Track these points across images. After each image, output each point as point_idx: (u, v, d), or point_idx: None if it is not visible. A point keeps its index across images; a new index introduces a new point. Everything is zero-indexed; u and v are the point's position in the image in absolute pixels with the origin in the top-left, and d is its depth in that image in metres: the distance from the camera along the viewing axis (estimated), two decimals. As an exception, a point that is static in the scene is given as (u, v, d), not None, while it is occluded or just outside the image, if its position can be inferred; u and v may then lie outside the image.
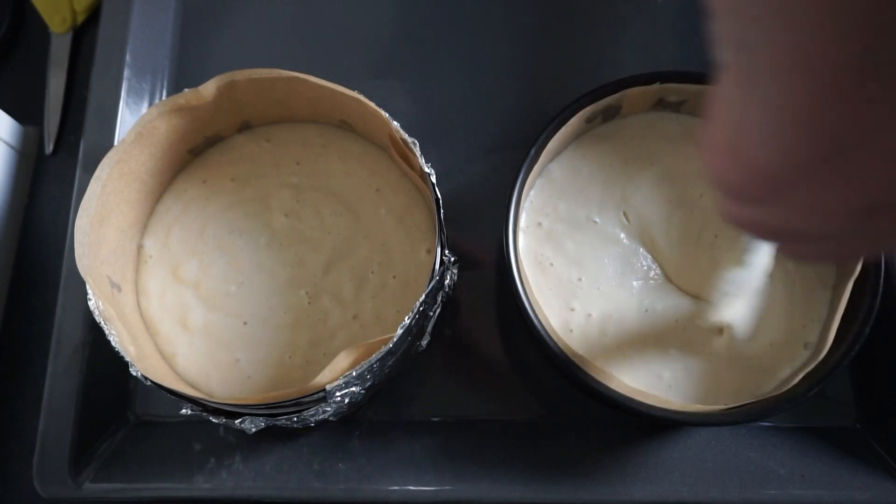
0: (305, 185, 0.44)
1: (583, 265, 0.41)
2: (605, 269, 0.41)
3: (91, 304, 0.37)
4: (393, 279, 0.42)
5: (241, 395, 0.41)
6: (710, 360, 0.40)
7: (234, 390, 0.41)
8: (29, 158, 0.52)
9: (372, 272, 0.42)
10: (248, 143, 0.46)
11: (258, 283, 0.43)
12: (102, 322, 0.37)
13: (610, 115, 0.43)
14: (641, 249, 0.42)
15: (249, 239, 0.44)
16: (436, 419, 0.44)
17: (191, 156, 0.45)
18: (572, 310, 0.41)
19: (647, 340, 0.40)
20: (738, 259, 0.35)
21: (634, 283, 0.41)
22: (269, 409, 0.36)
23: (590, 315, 0.40)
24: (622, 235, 0.42)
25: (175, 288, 0.43)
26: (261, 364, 0.41)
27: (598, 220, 0.42)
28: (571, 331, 0.40)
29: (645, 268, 0.41)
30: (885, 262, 0.37)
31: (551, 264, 0.41)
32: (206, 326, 0.42)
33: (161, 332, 0.42)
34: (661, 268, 0.41)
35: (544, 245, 0.42)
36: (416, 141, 0.40)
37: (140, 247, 0.44)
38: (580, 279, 0.41)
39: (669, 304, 0.40)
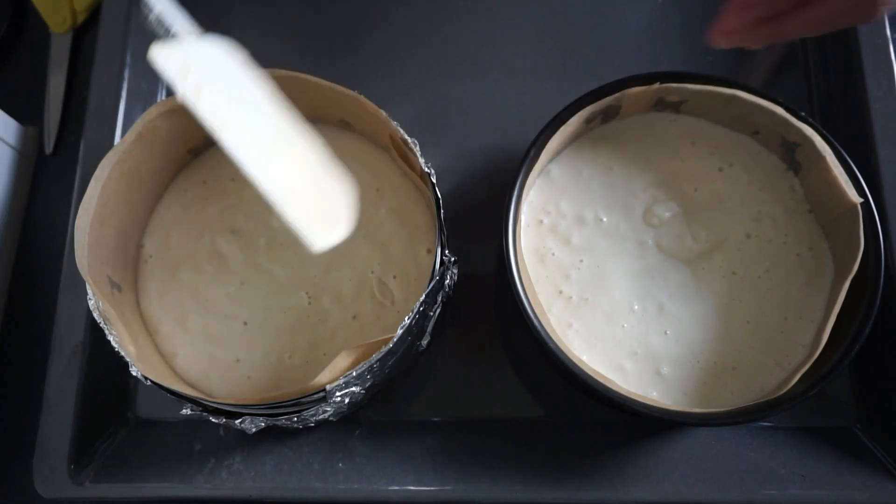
0: None
1: (586, 252, 0.42)
2: (608, 261, 0.41)
3: (91, 304, 0.37)
4: (393, 279, 0.42)
5: (241, 395, 0.41)
6: (708, 357, 0.40)
7: (234, 390, 0.41)
8: (29, 158, 0.52)
9: (372, 272, 0.42)
10: (248, 143, 0.46)
11: (258, 283, 0.43)
12: (102, 322, 0.37)
13: (609, 115, 0.43)
14: (655, 258, 0.42)
15: (249, 239, 0.44)
16: (436, 419, 0.44)
17: (191, 156, 0.45)
18: (560, 292, 0.41)
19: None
20: None
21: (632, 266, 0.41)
22: (269, 409, 0.36)
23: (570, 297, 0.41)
24: (632, 237, 0.42)
25: (175, 288, 0.43)
26: (261, 364, 0.41)
27: (605, 219, 0.42)
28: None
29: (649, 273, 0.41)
30: (885, 263, 0.37)
31: (553, 254, 0.42)
32: (206, 326, 0.42)
33: (161, 332, 0.42)
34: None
35: (546, 238, 0.42)
36: (416, 141, 0.40)
37: (140, 247, 0.44)
38: (581, 260, 0.41)
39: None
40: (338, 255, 0.43)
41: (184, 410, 0.38)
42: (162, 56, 0.27)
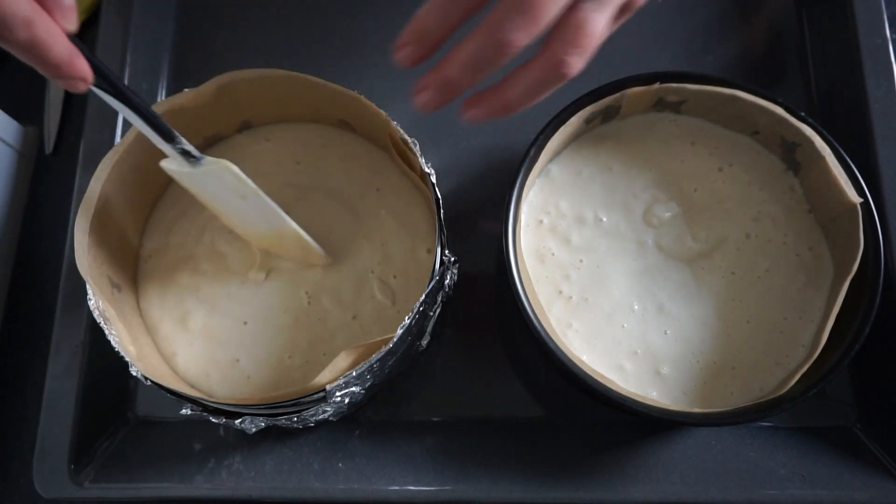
0: (306, 185, 0.44)
1: (586, 252, 0.42)
2: (608, 261, 0.41)
3: (91, 304, 0.37)
4: (393, 279, 0.42)
5: (241, 395, 0.41)
6: (708, 357, 0.40)
7: (234, 390, 0.41)
8: (29, 158, 0.52)
9: (372, 272, 0.42)
10: (249, 142, 0.46)
11: (258, 283, 0.43)
12: (102, 322, 0.37)
13: (609, 115, 0.43)
14: (654, 257, 0.42)
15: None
16: (436, 419, 0.44)
17: (191, 156, 0.45)
18: (560, 292, 0.41)
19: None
20: None
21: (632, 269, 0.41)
22: (269, 409, 0.36)
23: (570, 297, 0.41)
24: (632, 237, 0.42)
25: (175, 288, 0.43)
26: (261, 364, 0.41)
27: (604, 219, 0.42)
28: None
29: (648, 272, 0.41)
30: (885, 263, 0.37)
31: (553, 254, 0.42)
32: (206, 326, 0.42)
33: (161, 332, 0.42)
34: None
35: (546, 238, 0.42)
36: (416, 141, 0.40)
37: (140, 246, 0.44)
38: (581, 260, 0.41)
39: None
40: (338, 256, 0.43)
41: (184, 410, 0.38)
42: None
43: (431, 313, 0.39)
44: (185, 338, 0.42)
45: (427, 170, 0.39)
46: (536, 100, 0.32)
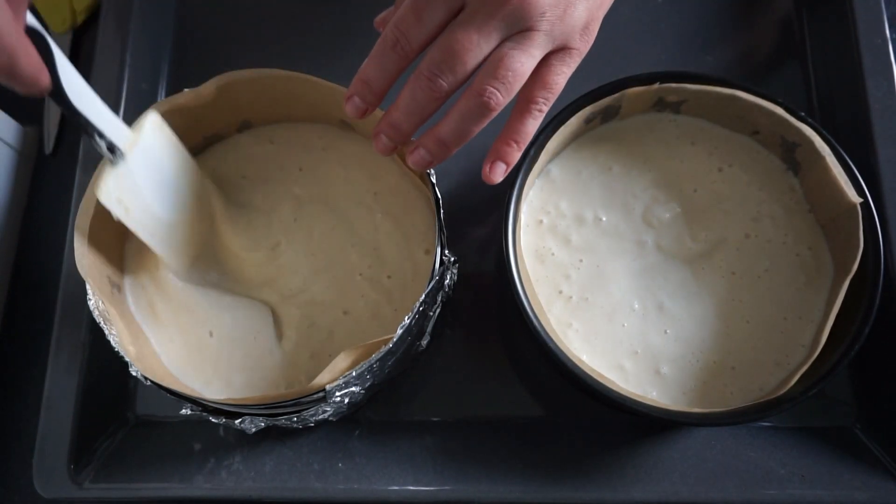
0: (306, 196, 0.44)
1: (586, 252, 0.42)
2: (608, 259, 0.42)
3: (91, 304, 0.37)
4: (388, 279, 0.42)
5: (236, 396, 0.41)
6: (708, 356, 0.40)
7: (230, 390, 0.41)
8: (29, 158, 0.52)
9: (371, 273, 0.42)
10: (251, 144, 0.46)
11: (258, 291, 0.43)
12: (102, 322, 0.37)
13: (609, 115, 0.43)
14: (652, 257, 0.42)
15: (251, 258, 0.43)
16: (436, 419, 0.44)
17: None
18: (560, 292, 0.41)
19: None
20: None
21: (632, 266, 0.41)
22: (269, 409, 0.36)
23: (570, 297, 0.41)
24: (631, 237, 0.42)
25: (175, 288, 0.43)
26: (257, 364, 0.41)
27: (604, 219, 0.42)
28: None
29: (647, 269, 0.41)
30: (885, 263, 0.37)
31: (552, 254, 0.42)
32: (204, 326, 0.42)
33: (159, 332, 0.42)
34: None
35: (546, 238, 0.42)
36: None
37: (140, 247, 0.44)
38: (581, 260, 0.41)
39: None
40: (335, 261, 0.43)
41: (184, 410, 0.38)
42: (105, 196, 0.35)
43: (431, 313, 0.39)
44: (184, 337, 0.42)
45: (427, 169, 0.39)
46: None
